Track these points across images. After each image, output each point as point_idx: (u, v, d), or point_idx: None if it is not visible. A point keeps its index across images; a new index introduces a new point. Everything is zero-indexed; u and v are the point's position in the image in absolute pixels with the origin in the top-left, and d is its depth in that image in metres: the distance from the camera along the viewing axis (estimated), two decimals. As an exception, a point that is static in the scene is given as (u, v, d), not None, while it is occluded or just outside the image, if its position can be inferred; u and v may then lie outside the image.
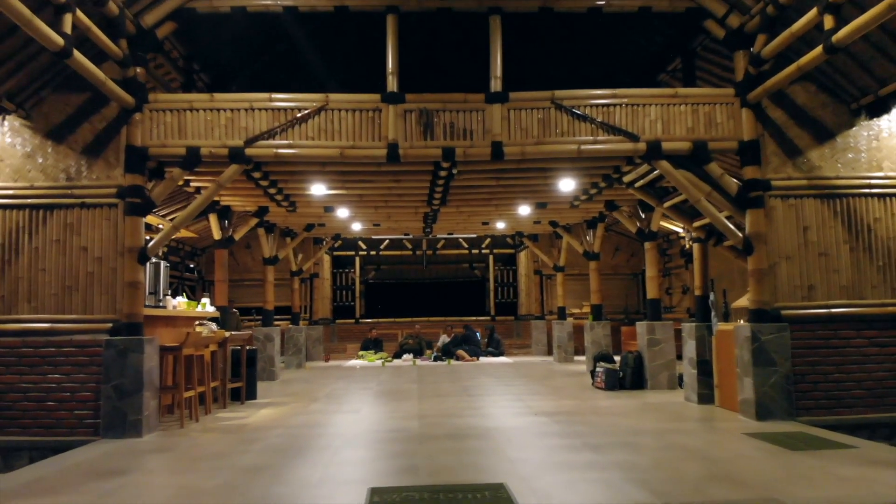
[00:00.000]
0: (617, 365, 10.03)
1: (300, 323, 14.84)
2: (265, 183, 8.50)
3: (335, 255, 20.20)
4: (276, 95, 7.06)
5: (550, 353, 17.06)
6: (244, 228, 10.87)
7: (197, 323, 8.32)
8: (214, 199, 9.47)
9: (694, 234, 8.56)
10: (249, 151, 6.98)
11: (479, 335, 17.27)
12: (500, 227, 13.82)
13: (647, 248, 10.18)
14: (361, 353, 16.81)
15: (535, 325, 18.04)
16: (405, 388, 10.41)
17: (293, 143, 7.03)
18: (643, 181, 8.60)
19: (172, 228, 7.15)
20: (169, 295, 8.60)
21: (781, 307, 7.06)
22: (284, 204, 9.98)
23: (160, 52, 7.61)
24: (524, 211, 11.34)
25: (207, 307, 8.99)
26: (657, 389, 9.59)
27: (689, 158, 7.26)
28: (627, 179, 8.73)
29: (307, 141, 7.03)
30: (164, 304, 8.05)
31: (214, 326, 8.49)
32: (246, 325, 15.46)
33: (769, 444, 5.68)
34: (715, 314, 8.21)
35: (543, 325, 17.65)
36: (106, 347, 6.55)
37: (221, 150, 6.97)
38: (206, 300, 9.19)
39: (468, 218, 12.26)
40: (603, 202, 10.69)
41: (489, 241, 20.15)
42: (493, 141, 7.12)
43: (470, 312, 20.17)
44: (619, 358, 10.33)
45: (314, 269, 18.56)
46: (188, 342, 7.19)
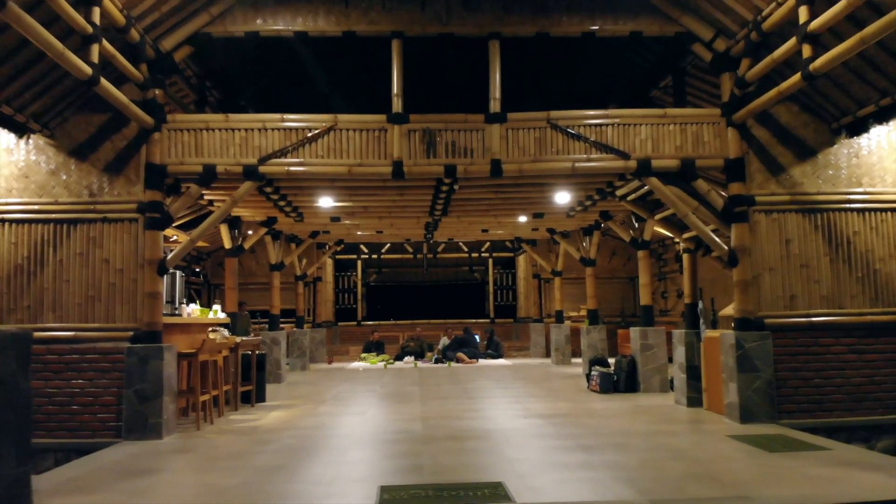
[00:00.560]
0: (611, 368, 10.44)
1: (304, 326, 15.25)
2: (276, 197, 8.92)
3: (337, 258, 20.60)
4: (287, 116, 7.47)
5: (548, 355, 17.45)
6: (254, 238, 11.29)
7: (210, 329, 8.72)
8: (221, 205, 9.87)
9: (684, 245, 8.97)
10: (263, 169, 7.40)
11: (477, 338, 17.66)
12: (499, 233, 14.23)
13: (640, 256, 10.59)
14: (364, 355, 17.20)
15: (533, 327, 18.45)
16: (408, 390, 10.81)
17: (304, 161, 7.45)
18: (635, 195, 9.02)
19: (190, 242, 7.56)
20: (184, 303, 8.99)
21: (764, 316, 7.47)
22: (293, 215, 10.40)
23: (177, 73, 8.01)
24: (522, 220, 11.75)
25: (219, 314, 9.40)
26: (650, 392, 10.00)
27: (677, 175, 7.67)
28: (620, 193, 9.15)
29: (317, 159, 7.45)
30: (179, 311, 8.46)
31: (226, 332, 8.89)
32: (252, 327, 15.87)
33: (749, 445, 6.09)
34: (703, 322, 8.62)
35: (542, 327, 18.06)
36: (128, 354, 6.96)
37: (236, 167, 7.39)
38: (217, 307, 9.60)
39: (468, 226, 12.68)
40: (598, 212, 11.11)
41: (488, 244, 20.55)
42: (492, 159, 7.53)
43: (470, 315, 20.57)
44: (613, 360, 10.73)
45: (317, 272, 18.96)
46: (204, 348, 7.59)
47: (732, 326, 7.66)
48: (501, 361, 16.65)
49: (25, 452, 2.75)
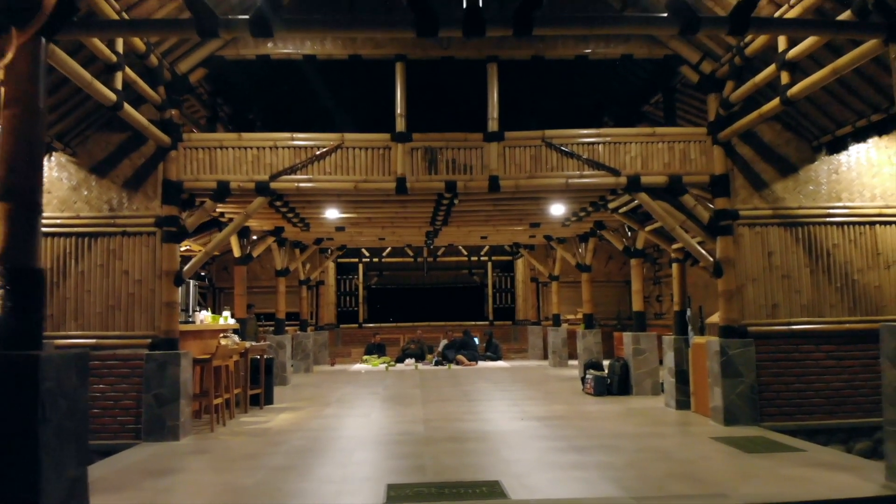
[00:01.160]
0: (605, 372, 10.86)
1: (308, 329, 15.68)
2: (285, 209, 9.34)
3: (339, 261, 20.99)
4: (297, 135, 7.89)
5: (546, 357, 17.86)
6: (262, 246, 11.72)
7: (221, 335, 9.14)
8: (235, 219, 10.28)
9: (673, 255, 9.40)
10: (274, 185, 7.82)
11: (476, 340, 18.05)
12: (497, 239, 14.65)
13: (633, 264, 11.03)
14: (366, 357, 17.60)
15: (531, 330, 18.88)
16: (409, 392, 11.24)
17: (313, 177, 7.88)
18: (626, 208, 9.45)
19: (205, 254, 7.97)
20: (197, 310, 9.42)
21: (748, 324, 7.89)
22: (300, 225, 10.82)
23: (191, 93, 8.43)
24: (520, 228, 12.18)
25: (229, 320, 9.82)
26: (642, 395, 10.41)
27: (665, 191, 8.09)
28: (612, 206, 9.57)
29: (325, 175, 7.88)
30: (192, 319, 8.87)
31: (237, 338, 9.33)
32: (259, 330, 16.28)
33: (730, 447, 6.52)
34: (691, 328, 9.05)
35: (540, 330, 18.48)
36: (147, 360, 7.38)
37: (249, 184, 7.81)
38: (227, 313, 10.03)
39: (468, 234, 13.11)
40: (592, 222, 11.54)
41: (487, 248, 20.96)
42: (490, 175, 7.96)
43: (469, 317, 20.96)
44: (607, 363, 11.14)
45: (320, 276, 19.37)
46: (217, 354, 8.01)
47: (718, 334, 8.08)
48: (500, 363, 17.06)
49: (83, 455, 3.17)
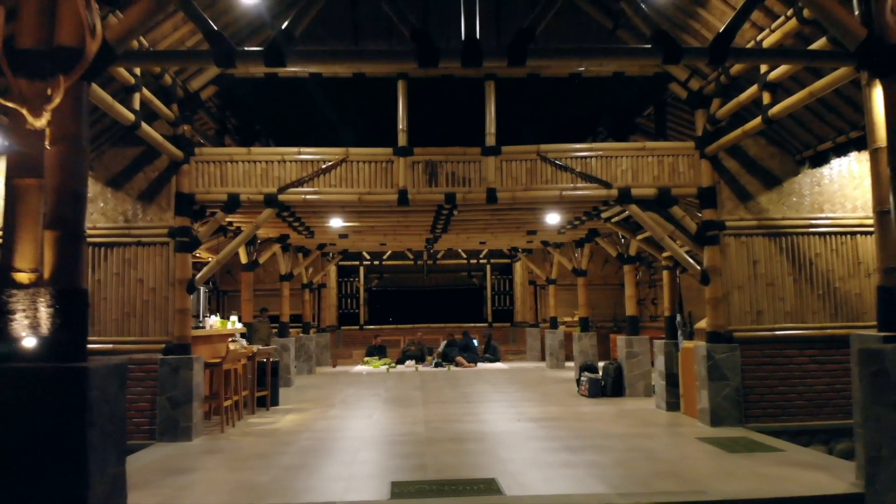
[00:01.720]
0: (600, 374, 11.24)
1: (310, 332, 16.06)
2: (291, 219, 9.73)
3: (340, 264, 21.38)
4: (304, 149, 8.28)
5: (544, 358, 18.24)
6: (268, 253, 12.11)
7: (230, 340, 9.52)
8: (242, 228, 10.67)
9: (664, 262, 9.78)
10: (282, 197, 8.20)
11: (475, 342, 18.41)
12: (496, 244, 15.04)
13: (625, 270, 11.42)
14: (367, 358, 17.96)
15: (529, 332, 19.27)
16: (410, 394, 11.62)
17: (319, 189, 8.26)
18: (619, 217, 9.84)
19: (216, 262, 8.35)
20: (207, 316, 9.80)
21: (734, 330, 8.27)
22: (304, 233, 11.20)
23: (202, 108, 8.81)
24: (517, 235, 12.57)
25: (237, 324, 10.21)
26: (635, 396, 10.79)
27: (655, 202, 8.48)
28: (605, 216, 9.96)
29: (330, 188, 8.26)
30: (203, 324, 9.25)
31: (244, 342, 9.71)
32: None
33: (714, 447, 6.90)
34: (681, 333, 9.43)
35: (537, 332, 18.87)
36: (161, 365, 7.76)
37: (258, 196, 8.19)
38: (234, 318, 10.40)
39: (466, 239, 13.50)
40: (586, 230, 11.92)
41: (486, 251, 21.34)
42: (488, 187, 8.34)
43: (468, 319, 21.35)
44: (602, 364, 11.52)
45: (322, 279, 19.75)
46: (228, 358, 8.39)
47: (705, 339, 8.46)
48: (499, 365, 17.43)
49: (122, 454, 3.55)
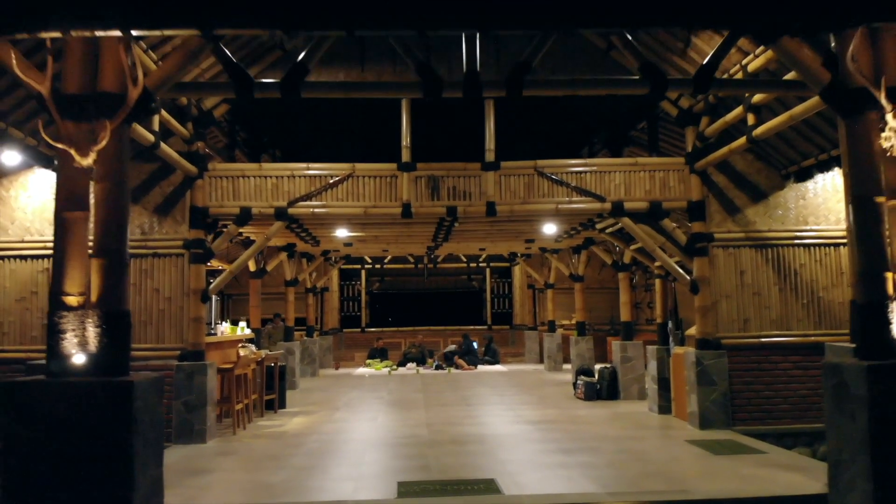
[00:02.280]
0: (595, 378, 11.65)
1: (314, 335, 16.46)
2: (299, 230, 10.14)
3: (342, 268, 21.76)
4: (312, 165, 8.69)
5: (542, 361, 18.64)
6: (275, 261, 12.51)
7: (240, 345, 9.93)
8: (251, 237, 11.08)
9: (656, 271, 10.19)
10: (291, 211, 8.61)
11: (475, 344, 18.78)
12: (495, 250, 15.45)
13: (620, 277, 11.84)
14: (369, 361, 18.34)
15: (528, 335, 19.68)
16: (412, 397, 12.02)
17: (326, 203, 8.67)
18: (612, 229, 10.26)
19: (229, 273, 8.76)
20: (219, 323, 10.20)
21: (721, 337, 8.68)
22: (311, 242, 11.62)
23: (215, 126, 9.22)
24: (515, 243, 12.99)
25: (245, 330, 10.61)
26: (629, 399, 11.19)
27: (646, 215, 8.89)
28: (599, 227, 10.38)
29: (337, 202, 8.67)
30: (214, 331, 9.65)
31: (254, 347, 10.11)
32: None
33: (701, 449, 7.31)
34: (672, 339, 9.85)
35: (536, 335, 19.27)
36: (176, 371, 8.16)
37: (268, 209, 8.60)
38: (243, 324, 10.81)
39: (467, 247, 13.91)
40: (582, 239, 12.34)
41: (485, 255, 21.74)
42: (487, 201, 8.75)
43: (468, 322, 21.74)
44: (599, 367, 11.92)
45: (324, 283, 20.16)
46: (239, 363, 8.79)
47: (694, 345, 8.87)
48: (498, 367, 17.82)
49: (160, 458, 3.95)
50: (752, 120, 7.45)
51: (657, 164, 8.98)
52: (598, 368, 11.91)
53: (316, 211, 8.68)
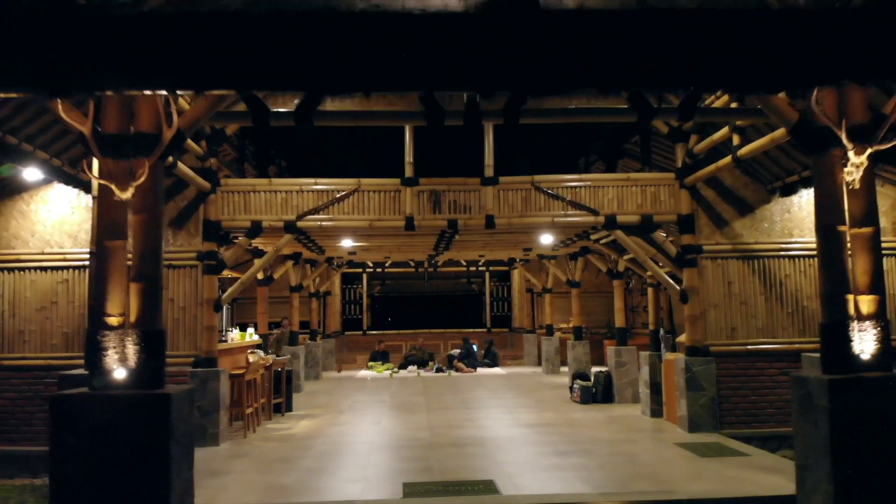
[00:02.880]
0: (591, 382, 12.06)
1: (317, 338, 16.88)
2: (306, 241, 10.57)
3: (344, 272, 22.17)
4: (319, 180, 9.12)
5: (540, 364, 19.07)
6: (281, 269, 12.94)
7: (249, 351, 10.34)
8: (259, 247, 11.51)
9: (648, 280, 10.62)
10: (300, 224, 9.04)
11: (475, 347, 19.19)
12: (494, 257, 15.89)
13: (615, 285, 12.26)
14: (371, 364, 18.74)
15: (526, 338, 20.11)
16: (414, 400, 12.44)
17: (333, 216, 9.11)
18: (606, 240, 10.69)
19: (240, 283, 9.18)
20: (230, 330, 10.63)
21: (710, 344, 9.11)
22: (316, 251, 12.05)
23: (227, 142, 9.64)
24: (514, 250, 13.43)
25: (254, 336, 11.03)
26: (623, 403, 11.60)
27: (638, 228, 9.32)
28: (594, 238, 10.82)
29: (344, 215, 9.10)
30: (225, 338, 10.07)
31: (262, 353, 10.53)
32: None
33: (689, 451, 7.74)
34: (664, 346, 10.27)
35: (534, 338, 19.70)
36: (191, 377, 8.57)
37: (278, 223, 9.03)
38: (251, 330, 11.23)
39: (467, 254, 14.35)
40: (578, 248, 12.77)
41: (485, 259, 22.15)
42: (486, 214, 9.19)
43: (468, 324, 22.17)
44: (595, 370, 12.34)
45: (327, 287, 20.57)
46: (250, 369, 9.21)
47: (684, 352, 9.30)
48: (497, 370, 18.24)
49: (192, 461, 4.38)
50: (737, 140, 7.89)
51: (649, 179, 9.41)
52: (593, 372, 12.34)
53: (323, 224, 9.12)
